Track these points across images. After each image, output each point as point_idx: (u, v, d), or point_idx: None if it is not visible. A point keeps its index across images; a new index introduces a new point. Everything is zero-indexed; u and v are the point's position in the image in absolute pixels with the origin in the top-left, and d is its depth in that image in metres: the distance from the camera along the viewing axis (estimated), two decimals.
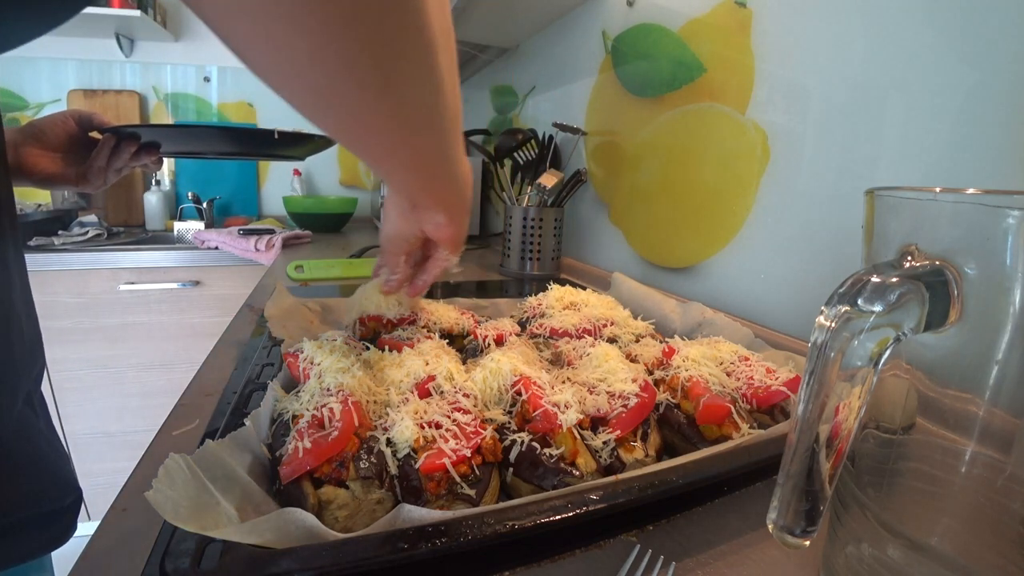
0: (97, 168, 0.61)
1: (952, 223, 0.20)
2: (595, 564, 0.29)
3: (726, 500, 0.34)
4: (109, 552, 0.28)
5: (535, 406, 0.36)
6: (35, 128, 0.58)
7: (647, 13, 0.89)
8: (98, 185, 0.63)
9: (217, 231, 1.62)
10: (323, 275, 0.99)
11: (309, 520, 0.25)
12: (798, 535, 0.20)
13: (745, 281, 0.70)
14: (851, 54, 0.55)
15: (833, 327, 0.19)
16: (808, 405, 0.19)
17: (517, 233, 1.06)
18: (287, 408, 0.36)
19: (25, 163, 0.57)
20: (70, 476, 0.44)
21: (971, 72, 0.45)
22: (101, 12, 1.62)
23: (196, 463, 0.27)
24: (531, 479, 0.34)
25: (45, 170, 0.58)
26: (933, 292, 0.19)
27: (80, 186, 0.62)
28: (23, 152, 0.57)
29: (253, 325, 0.65)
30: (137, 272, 1.49)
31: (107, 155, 0.61)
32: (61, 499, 0.42)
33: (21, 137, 0.57)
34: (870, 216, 0.23)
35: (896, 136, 0.51)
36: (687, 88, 0.79)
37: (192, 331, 1.56)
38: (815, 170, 0.59)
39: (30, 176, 0.58)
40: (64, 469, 0.44)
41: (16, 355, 0.39)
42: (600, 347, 0.46)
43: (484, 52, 1.53)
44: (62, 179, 0.60)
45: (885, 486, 0.23)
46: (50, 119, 0.59)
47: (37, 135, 0.58)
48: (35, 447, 0.41)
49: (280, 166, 2.14)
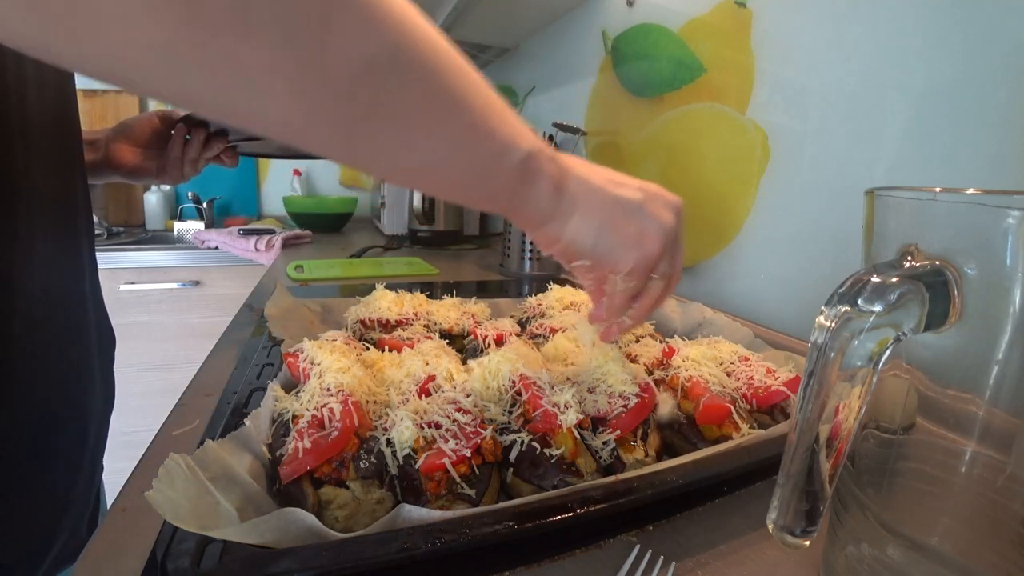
0: (173, 159, 0.65)
1: (952, 223, 0.20)
2: (595, 564, 0.29)
3: (726, 500, 0.34)
4: (109, 552, 0.28)
5: (535, 406, 0.36)
6: (124, 125, 0.64)
7: (647, 13, 0.89)
8: (176, 177, 0.66)
9: (217, 231, 1.62)
10: (323, 275, 0.99)
11: (309, 520, 0.25)
12: (798, 535, 0.20)
13: (745, 281, 0.70)
14: (851, 54, 0.55)
15: (833, 327, 0.19)
16: (808, 405, 0.19)
17: (517, 233, 1.06)
18: (287, 408, 0.36)
19: (114, 157, 0.62)
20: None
21: (971, 72, 0.45)
22: None
23: (196, 463, 0.27)
24: (531, 479, 0.33)
25: (130, 163, 0.63)
26: (933, 292, 0.19)
27: (160, 178, 0.66)
28: (112, 147, 0.63)
29: (253, 325, 0.65)
30: (137, 272, 1.49)
31: (181, 145, 0.65)
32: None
33: (112, 134, 0.63)
34: (870, 216, 0.23)
35: (896, 136, 0.51)
36: (687, 88, 0.79)
37: (192, 331, 1.56)
38: (815, 170, 0.59)
39: (118, 169, 0.63)
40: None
41: (89, 339, 0.48)
42: (600, 347, 0.46)
43: (484, 52, 1.53)
44: (145, 172, 0.65)
45: (885, 486, 0.23)
46: (137, 117, 0.65)
47: (126, 131, 0.64)
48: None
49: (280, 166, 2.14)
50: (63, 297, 0.45)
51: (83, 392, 0.48)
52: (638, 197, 0.31)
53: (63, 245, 0.45)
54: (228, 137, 0.68)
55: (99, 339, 0.52)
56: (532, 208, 0.29)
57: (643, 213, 0.31)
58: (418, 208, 1.39)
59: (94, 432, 0.50)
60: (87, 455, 0.49)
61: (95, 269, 0.52)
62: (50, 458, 0.43)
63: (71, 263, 0.47)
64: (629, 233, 0.31)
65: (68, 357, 0.46)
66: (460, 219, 1.53)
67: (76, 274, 0.48)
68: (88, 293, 0.50)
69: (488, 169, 0.27)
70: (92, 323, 0.50)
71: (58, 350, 0.44)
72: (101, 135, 0.63)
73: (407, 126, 0.23)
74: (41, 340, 0.42)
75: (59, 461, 0.45)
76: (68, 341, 0.46)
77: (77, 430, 0.48)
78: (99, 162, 0.62)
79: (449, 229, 1.49)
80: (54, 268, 0.44)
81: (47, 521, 0.43)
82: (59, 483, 0.45)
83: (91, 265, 0.51)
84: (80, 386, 0.48)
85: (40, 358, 0.42)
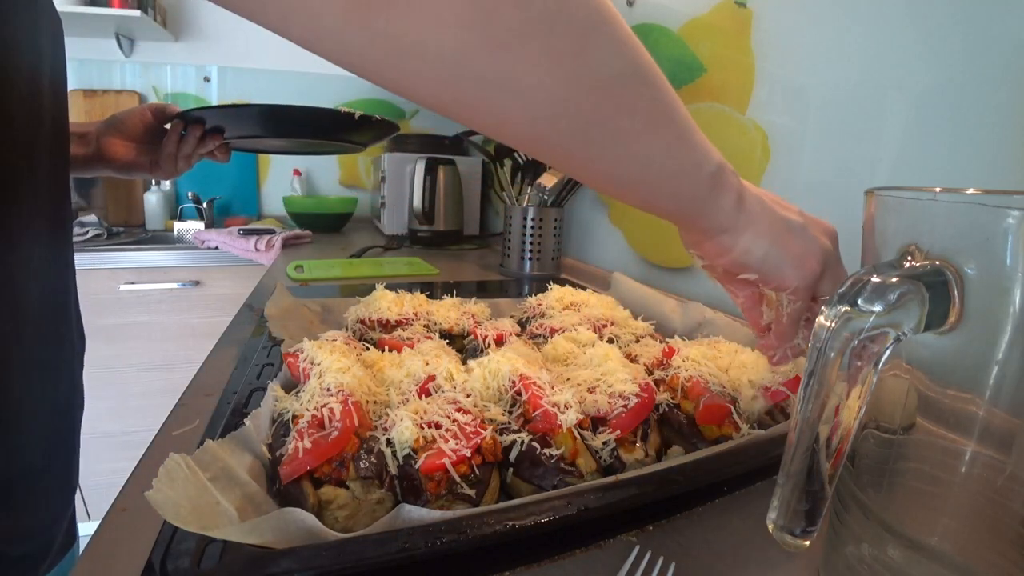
0: (167, 155, 0.64)
1: (952, 223, 0.20)
2: (595, 564, 0.29)
3: (726, 500, 0.34)
4: (109, 552, 0.28)
5: (535, 406, 0.36)
6: (116, 119, 0.63)
7: (647, 13, 0.89)
8: (169, 171, 0.66)
9: (217, 231, 1.62)
10: (323, 275, 0.99)
11: (309, 520, 0.25)
12: (798, 535, 0.20)
13: None
14: (851, 54, 0.55)
15: (833, 327, 0.19)
16: (808, 405, 0.19)
17: (517, 233, 1.06)
18: (287, 408, 0.36)
19: (106, 151, 0.62)
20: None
21: (971, 72, 0.45)
22: (101, 12, 1.62)
23: (196, 463, 0.27)
24: (531, 479, 0.34)
25: (123, 158, 0.63)
26: (933, 292, 0.19)
27: (154, 173, 0.65)
28: (104, 141, 0.62)
29: (253, 325, 0.65)
30: (137, 272, 1.49)
31: (176, 141, 0.64)
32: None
33: (104, 128, 0.62)
34: (870, 216, 0.23)
35: (896, 136, 0.51)
36: (687, 88, 0.79)
37: (192, 331, 1.56)
38: (815, 170, 0.59)
39: (110, 163, 0.63)
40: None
41: (69, 339, 0.48)
42: (600, 347, 0.46)
43: None
44: (138, 166, 0.65)
45: (885, 486, 0.23)
46: (129, 111, 0.64)
47: (118, 125, 0.63)
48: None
49: (280, 166, 2.13)
50: (55, 296, 0.45)
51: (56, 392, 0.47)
52: (801, 220, 0.33)
53: (59, 243, 0.45)
54: (224, 134, 0.67)
55: (77, 344, 0.52)
56: (715, 217, 0.31)
57: (806, 234, 0.33)
58: (418, 208, 1.39)
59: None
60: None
61: (73, 267, 0.52)
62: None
63: (63, 261, 0.47)
64: (795, 252, 0.32)
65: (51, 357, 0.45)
66: (460, 219, 1.53)
67: (66, 273, 0.48)
68: (71, 295, 0.50)
69: (688, 176, 0.29)
70: (74, 322, 0.50)
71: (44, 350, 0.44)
72: (92, 128, 0.62)
73: (634, 134, 0.26)
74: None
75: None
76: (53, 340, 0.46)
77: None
78: (91, 156, 0.62)
79: (449, 229, 1.49)
80: (51, 267, 0.44)
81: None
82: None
83: (73, 269, 0.51)
84: (59, 388, 0.47)
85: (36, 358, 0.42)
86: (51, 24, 0.42)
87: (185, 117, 0.64)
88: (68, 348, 0.48)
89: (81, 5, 1.60)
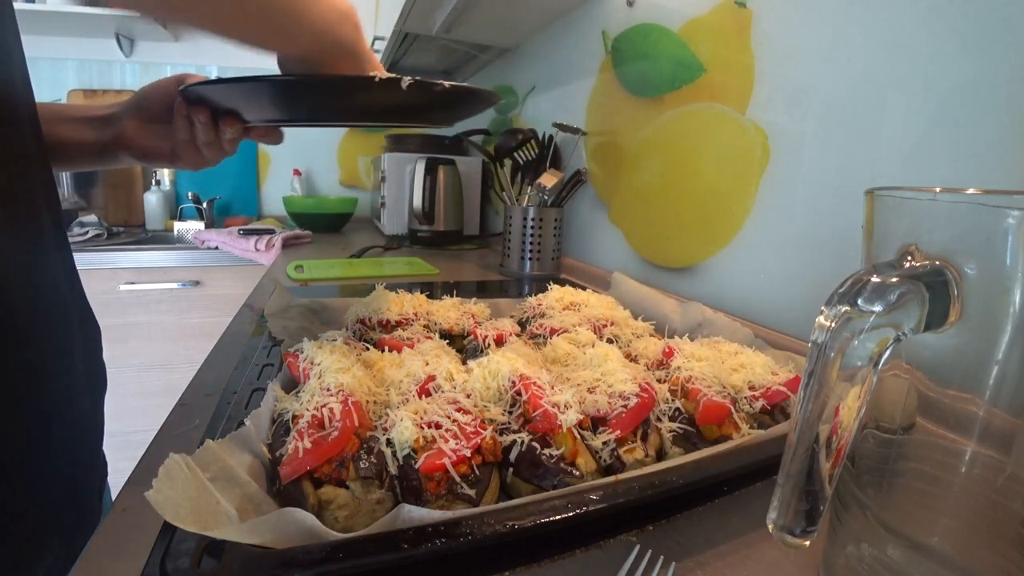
0: (182, 142, 0.51)
1: (952, 223, 0.20)
2: (595, 564, 0.29)
3: (726, 500, 0.34)
4: (109, 552, 0.28)
5: (535, 406, 0.36)
6: (139, 96, 0.53)
7: (647, 13, 0.89)
8: (193, 161, 0.53)
9: (217, 231, 1.62)
10: (323, 275, 0.99)
11: (309, 520, 0.25)
12: (798, 535, 0.20)
13: (745, 281, 0.70)
14: (851, 54, 0.55)
15: (833, 327, 0.19)
16: (808, 405, 0.19)
17: (517, 233, 1.06)
18: (287, 408, 0.36)
19: (123, 135, 0.52)
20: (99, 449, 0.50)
21: (971, 72, 0.45)
22: (101, 12, 1.62)
23: (196, 463, 0.27)
24: (531, 479, 0.33)
25: (140, 143, 0.52)
26: (933, 292, 0.19)
27: (174, 163, 0.53)
28: (124, 125, 0.52)
29: (253, 325, 0.65)
30: (137, 272, 1.49)
31: (186, 126, 0.50)
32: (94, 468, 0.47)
33: (123, 109, 0.53)
34: (870, 216, 0.23)
35: (896, 136, 0.51)
36: (687, 88, 0.79)
37: (192, 331, 1.56)
38: (815, 170, 0.59)
39: (128, 149, 0.52)
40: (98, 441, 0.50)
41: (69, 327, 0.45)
42: (600, 347, 0.46)
43: (484, 52, 1.53)
44: (157, 154, 0.53)
45: (885, 486, 0.23)
46: (154, 84, 0.52)
47: (140, 103, 0.52)
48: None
49: (280, 166, 2.14)
50: (24, 290, 0.40)
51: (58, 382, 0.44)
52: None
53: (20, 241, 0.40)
54: (244, 118, 0.50)
55: (81, 326, 0.48)
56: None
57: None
58: (418, 208, 1.39)
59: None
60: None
61: (67, 256, 0.47)
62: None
63: (27, 255, 0.40)
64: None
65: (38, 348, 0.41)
66: (460, 219, 1.53)
67: (39, 267, 0.42)
68: (63, 286, 0.45)
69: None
70: (66, 312, 0.46)
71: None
72: (119, 109, 0.52)
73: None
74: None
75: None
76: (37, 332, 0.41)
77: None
78: (107, 142, 0.52)
79: (449, 229, 1.49)
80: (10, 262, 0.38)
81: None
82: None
83: (59, 252, 0.45)
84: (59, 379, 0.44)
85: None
86: (11, 19, 0.40)
87: (186, 94, 0.48)
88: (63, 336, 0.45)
89: (81, 5, 1.60)
